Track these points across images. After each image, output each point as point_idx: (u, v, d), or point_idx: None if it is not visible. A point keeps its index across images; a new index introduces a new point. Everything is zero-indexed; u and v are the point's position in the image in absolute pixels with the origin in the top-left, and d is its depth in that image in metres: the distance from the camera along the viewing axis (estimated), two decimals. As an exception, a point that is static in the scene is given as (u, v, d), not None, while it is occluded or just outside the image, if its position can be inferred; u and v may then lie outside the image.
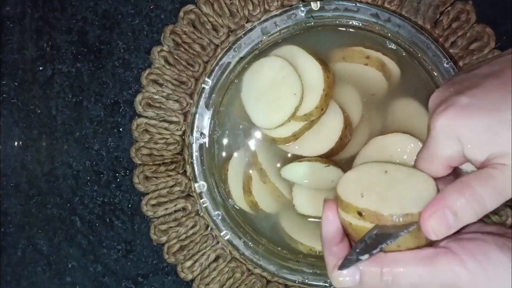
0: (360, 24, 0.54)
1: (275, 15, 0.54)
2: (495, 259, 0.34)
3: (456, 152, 0.36)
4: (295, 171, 0.54)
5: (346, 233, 0.40)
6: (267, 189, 0.55)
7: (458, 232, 0.37)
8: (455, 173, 0.39)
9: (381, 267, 0.36)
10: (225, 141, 0.56)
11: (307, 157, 0.54)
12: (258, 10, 0.55)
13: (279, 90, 0.52)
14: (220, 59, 0.55)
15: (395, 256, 0.36)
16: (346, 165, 0.54)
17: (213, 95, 0.55)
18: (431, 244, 0.37)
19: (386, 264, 0.36)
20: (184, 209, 0.57)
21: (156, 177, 0.56)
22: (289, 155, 0.55)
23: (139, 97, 0.56)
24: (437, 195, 0.36)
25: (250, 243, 0.55)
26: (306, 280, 0.55)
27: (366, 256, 0.37)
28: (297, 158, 0.54)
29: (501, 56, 0.38)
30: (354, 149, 0.54)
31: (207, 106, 0.55)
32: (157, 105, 0.56)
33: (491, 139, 0.34)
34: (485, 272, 0.34)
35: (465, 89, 0.36)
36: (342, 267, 0.38)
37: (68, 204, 0.58)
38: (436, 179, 0.39)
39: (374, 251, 0.37)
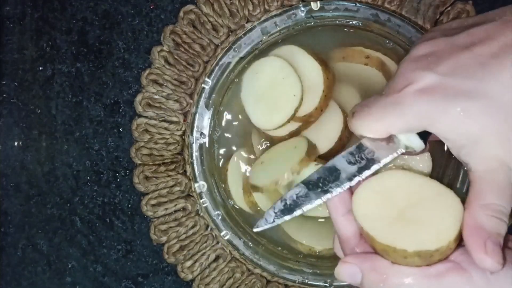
0: (360, 24, 0.54)
1: (275, 15, 0.54)
2: (504, 276, 0.33)
3: (412, 127, 0.36)
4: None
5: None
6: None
7: None
8: None
9: (385, 275, 0.35)
10: (225, 141, 0.56)
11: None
12: (258, 10, 0.55)
13: (279, 90, 0.52)
14: (220, 59, 0.55)
15: (403, 269, 0.35)
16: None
17: (213, 95, 0.55)
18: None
19: (391, 274, 0.35)
20: (184, 209, 0.57)
21: (156, 177, 0.56)
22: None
23: (139, 97, 0.56)
24: (468, 224, 0.35)
25: (250, 243, 0.55)
26: (306, 280, 0.55)
27: (283, 219, 0.37)
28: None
29: (484, 22, 0.36)
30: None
31: (207, 106, 0.55)
32: (157, 105, 0.56)
33: (465, 120, 0.34)
34: None
35: (438, 62, 0.35)
36: (257, 227, 0.39)
37: (68, 204, 0.58)
38: None
39: (294, 213, 0.37)
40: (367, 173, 0.38)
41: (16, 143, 0.58)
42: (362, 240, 0.38)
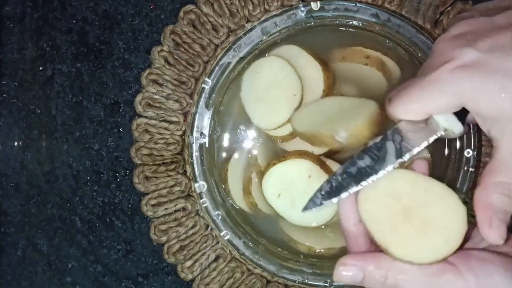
0: (360, 24, 0.54)
1: (275, 15, 0.54)
2: (498, 282, 0.34)
3: (450, 105, 0.36)
4: None
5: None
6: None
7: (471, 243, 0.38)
8: None
9: (387, 271, 0.36)
10: (225, 141, 0.56)
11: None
12: (258, 10, 0.55)
13: (278, 90, 0.52)
14: (220, 59, 0.55)
15: (403, 266, 0.36)
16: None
17: (213, 95, 0.55)
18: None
19: (393, 270, 0.36)
20: (184, 209, 0.57)
21: (156, 177, 0.56)
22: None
23: (139, 97, 0.56)
24: (479, 199, 0.36)
25: (250, 243, 0.55)
26: (306, 280, 0.55)
27: (330, 201, 0.37)
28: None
29: None
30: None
31: (207, 106, 0.55)
32: (157, 105, 0.56)
33: (502, 99, 0.33)
34: None
35: (478, 39, 0.34)
36: (304, 209, 0.39)
37: (68, 204, 0.58)
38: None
39: (341, 195, 0.37)
40: (407, 156, 0.38)
41: (16, 143, 0.58)
42: (372, 247, 0.39)
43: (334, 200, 0.39)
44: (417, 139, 0.38)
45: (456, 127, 0.38)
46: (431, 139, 0.38)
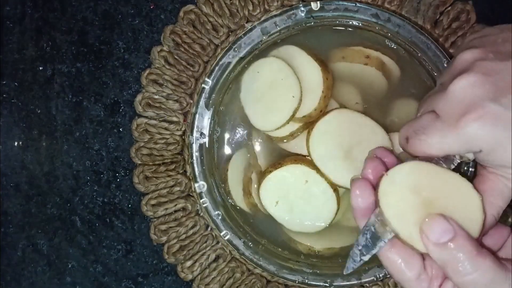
0: (360, 24, 0.54)
1: (275, 15, 0.54)
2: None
3: (469, 151, 0.37)
4: None
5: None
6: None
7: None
8: None
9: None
10: (225, 141, 0.56)
11: (305, 156, 0.54)
12: (258, 10, 0.55)
13: (278, 91, 0.52)
14: (220, 59, 0.55)
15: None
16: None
17: (213, 95, 0.55)
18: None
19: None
20: (184, 209, 0.57)
21: (156, 177, 0.56)
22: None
23: (139, 97, 0.56)
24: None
25: (250, 243, 0.55)
26: (306, 280, 0.55)
27: (370, 254, 0.37)
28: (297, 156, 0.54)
29: None
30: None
31: (207, 106, 0.55)
32: (157, 105, 0.56)
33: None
34: None
35: (501, 94, 0.35)
36: (346, 270, 0.38)
37: (68, 204, 0.58)
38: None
39: (378, 246, 0.37)
40: None
41: (16, 143, 0.58)
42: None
43: (373, 251, 0.38)
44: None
45: (470, 155, 0.39)
46: (450, 167, 0.39)
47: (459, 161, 0.39)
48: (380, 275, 0.54)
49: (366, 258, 0.39)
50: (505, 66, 0.36)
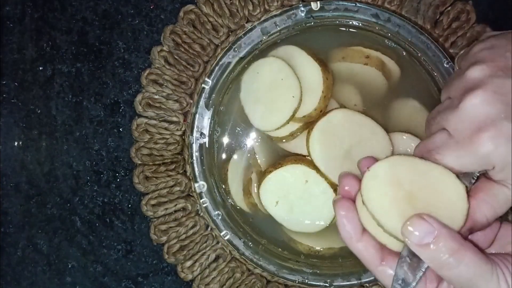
0: (360, 24, 0.54)
1: (275, 15, 0.54)
2: None
3: (483, 168, 0.37)
4: None
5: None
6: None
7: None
8: None
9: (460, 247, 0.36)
10: (225, 141, 0.56)
11: (305, 156, 0.54)
12: (258, 10, 0.55)
13: (278, 91, 0.52)
14: (220, 59, 0.55)
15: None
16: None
17: (213, 95, 0.55)
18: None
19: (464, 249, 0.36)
20: (184, 209, 0.57)
21: (156, 177, 0.56)
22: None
23: (139, 97, 0.56)
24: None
25: (250, 243, 0.55)
26: (306, 280, 0.55)
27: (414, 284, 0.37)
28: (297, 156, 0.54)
29: None
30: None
31: (207, 106, 0.55)
32: (157, 105, 0.56)
33: None
34: None
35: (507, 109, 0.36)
36: None
37: (68, 204, 0.58)
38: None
39: (417, 276, 0.37)
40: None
41: (16, 143, 0.58)
42: (385, 252, 0.39)
43: (413, 283, 0.38)
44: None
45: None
46: (472, 182, 0.39)
47: (478, 175, 0.39)
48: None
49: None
50: None
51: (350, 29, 0.55)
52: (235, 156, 0.56)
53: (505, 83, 0.36)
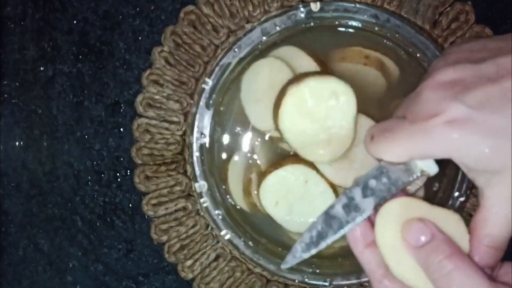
0: (360, 25, 0.54)
1: (275, 16, 0.55)
2: None
3: (436, 156, 0.36)
4: None
5: None
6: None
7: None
8: None
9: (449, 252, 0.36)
10: (225, 141, 0.56)
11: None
12: (258, 11, 0.56)
13: (278, 91, 0.52)
14: (220, 59, 0.55)
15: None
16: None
17: (214, 95, 0.55)
18: None
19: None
20: (184, 208, 0.57)
21: (156, 177, 0.57)
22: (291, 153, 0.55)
23: (139, 98, 0.56)
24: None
25: (250, 243, 0.55)
26: (306, 279, 0.55)
27: (309, 253, 0.38)
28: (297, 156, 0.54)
29: (508, 49, 0.36)
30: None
31: (207, 106, 0.55)
32: (158, 105, 0.56)
33: (490, 157, 0.34)
34: None
35: (466, 93, 0.35)
36: (285, 263, 0.39)
37: (69, 204, 0.59)
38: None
39: (319, 246, 0.38)
40: (387, 198, 0.39)
41: (17, 143, 0.59)
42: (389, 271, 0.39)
43: (314, 251, 0.39)
44: (396, 180, 0.39)
45: (432, 169, 0.39)
46: (408, 182, 0.39)
47: (419, 175, 0.38)
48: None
49: (305, 255, 0.40)
50: (475, 68, 0.36)
51: (350, 30, 0.55)
52: (235, 156, 0.56)
53: (465, 68, 0.36)
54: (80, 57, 0.58)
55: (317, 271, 0.55)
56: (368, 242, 0.39)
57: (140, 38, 0.58)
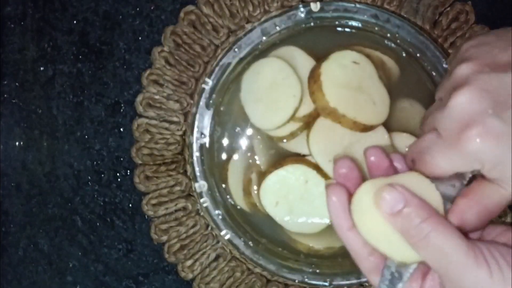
0: (360, 25, 0.55)
1: (275, 16, 0.55)
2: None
3: (473, 168, 0.36)
4: None
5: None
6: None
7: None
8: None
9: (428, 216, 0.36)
10: (225, 141, 0.56)
11: (305, 155, 0.54)
12: (258, 11, 0.56)
13: (278, 91, 0.52)
14: (220, 59, 0.55)
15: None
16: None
17: (214, 95, 0.55)
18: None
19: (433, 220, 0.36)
20: (184, 208, 0.57)
21: (156, 177, 0.57)
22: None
23: (139, 98, 0.56)
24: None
25: (250, 243, 0.55)
26: (306, 279, 0.55)
27: None
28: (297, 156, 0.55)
29: None
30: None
31: (207, 106, 0.55)
32: (158, 105, 0.56)
33: None
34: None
35: (502, 107, 0.35)
36: None
37: (69, 204, 0.59)
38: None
39: (404, 278, 0.37)
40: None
41: (17, 143, 0.59)
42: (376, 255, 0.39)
43: (400, 285, 0.38)
44: (454, 187, 0.39)
45: None
46: (465, 182, 0.39)
47: (470, 176, 0.38)
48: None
49: None
50: (502, 79, 0.35)
51: (350, 30, 0.55)
52: (235, 156, 0.56)
53: (491, 79, 0.35)
54: (80, 57, 0.58)
55: (317, 271, 0.55)
56: (351, 224, 0.39)
57: (140, 38, 0.58)
